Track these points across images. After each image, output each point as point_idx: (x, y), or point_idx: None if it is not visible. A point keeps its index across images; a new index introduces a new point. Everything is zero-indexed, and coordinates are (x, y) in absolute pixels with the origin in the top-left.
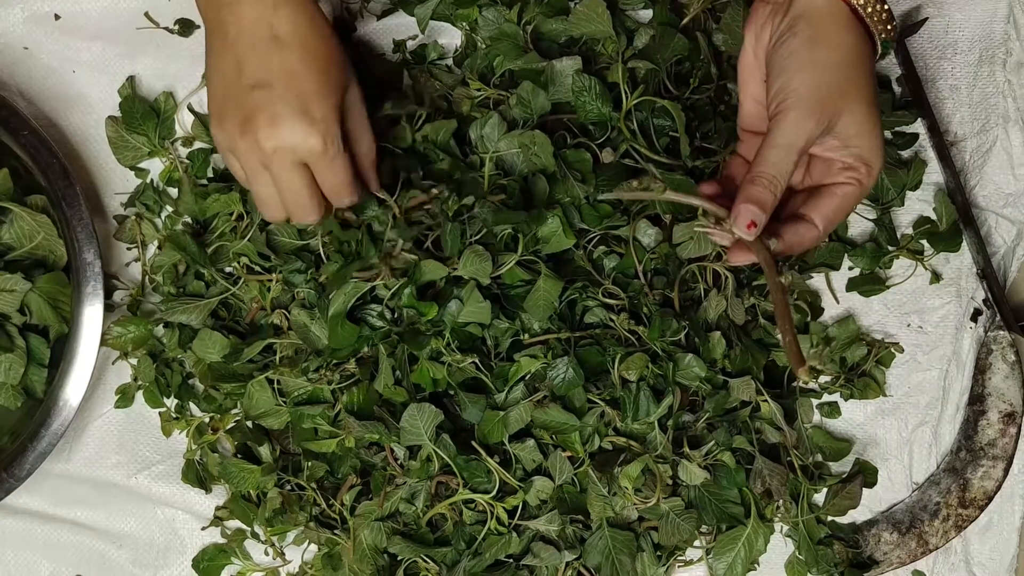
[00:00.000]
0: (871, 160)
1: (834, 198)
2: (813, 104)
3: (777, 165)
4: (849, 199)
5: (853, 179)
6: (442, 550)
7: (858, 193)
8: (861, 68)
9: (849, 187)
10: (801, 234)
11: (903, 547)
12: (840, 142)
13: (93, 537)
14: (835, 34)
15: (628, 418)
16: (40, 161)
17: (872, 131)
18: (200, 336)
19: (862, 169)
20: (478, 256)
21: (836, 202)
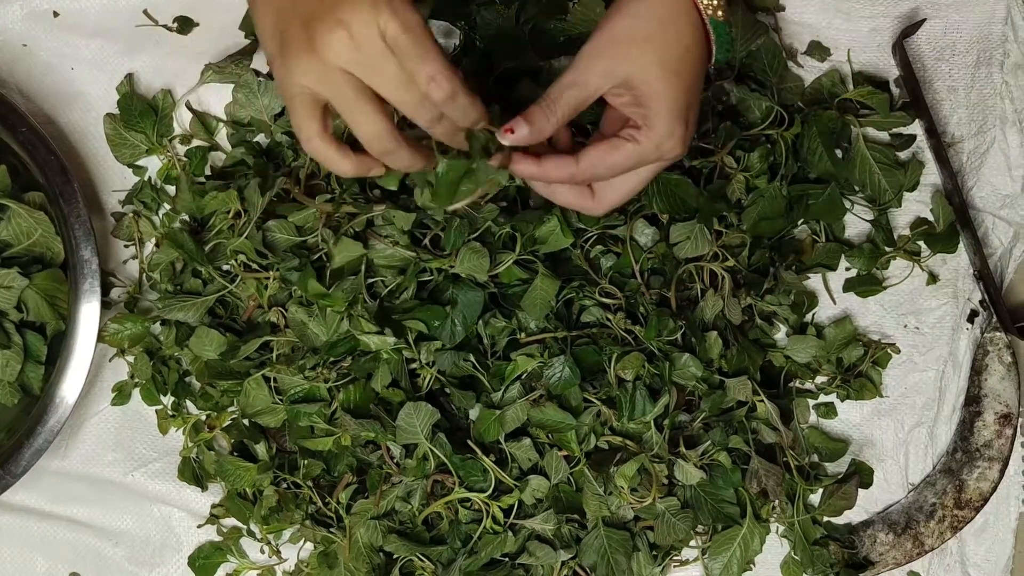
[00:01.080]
0: (653, 123)
1: (604, 144)
2: (604, 43)
3: (556, 90)
4: (620, 152)
5: (630, 135)
6: (438, 549)
7: (631, 150)
8: (667, 28)
9: (623, 141)
10: (558, 164)
11: (899, 548)
12: (632, 97)
13: (89, 534)
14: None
15: (624, 417)
16: (38, 158)
17: (661, 93)
18: (197, 333)
19: (643, 130)
20: (476, 253)
21: (604, 147)
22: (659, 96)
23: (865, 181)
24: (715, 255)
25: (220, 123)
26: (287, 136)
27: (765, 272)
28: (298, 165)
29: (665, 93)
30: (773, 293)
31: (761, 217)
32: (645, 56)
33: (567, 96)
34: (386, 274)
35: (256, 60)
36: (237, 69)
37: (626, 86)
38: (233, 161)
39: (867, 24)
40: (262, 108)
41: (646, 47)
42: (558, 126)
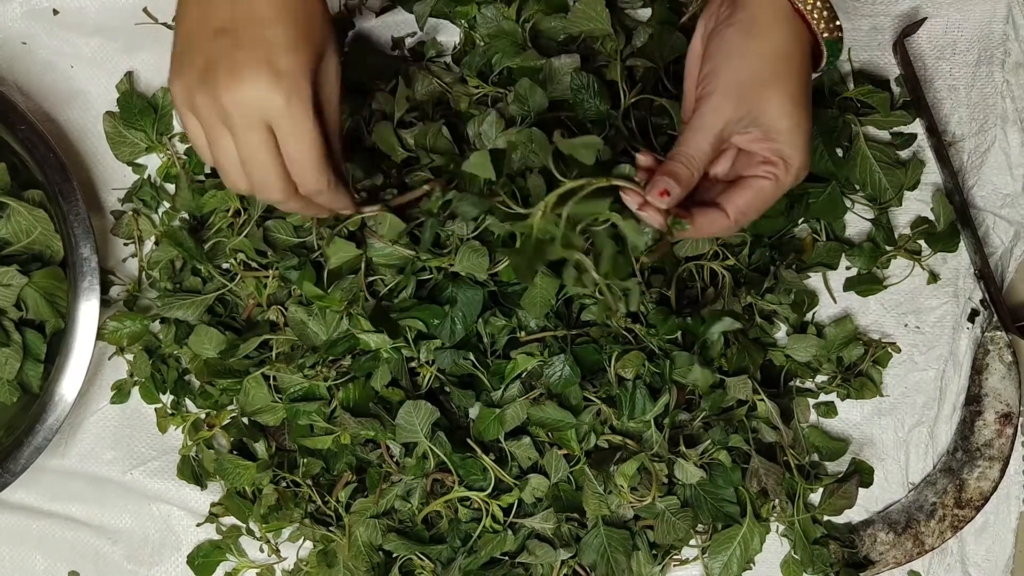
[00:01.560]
0: (790, 156)
1: (748, 190)
2: (732, 89)
3: (695, 143)
4: (764, 193)
5: (770, 173)
6: (437, 547)
7: (773, 188)
8: (791, 62)
9: (765, 181)
10: (711, 220)
11: (899, 547)
12: (762, 134)
13: (88, 533)
14: (770, 25)
15: (624, 416)
16: (37, 156)
17: (794, 128)
18: (196, 332)
19: (780, 164)
20: (475, 251)
21: (750, 194)
22: (793, 132)
23: (865, 180)
24: (715, 254)
25: None
26: None
27: (765, 271)
28: None
29: (798, 127)
30: (773, 292)
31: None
32: (776, 97)
33: (703, 148)
34: (385, 273)
35: None
36: None
37: (757, 125)
38: None
39: (868, 22)
40: None
41: (776, 88)
42: (699, 178)
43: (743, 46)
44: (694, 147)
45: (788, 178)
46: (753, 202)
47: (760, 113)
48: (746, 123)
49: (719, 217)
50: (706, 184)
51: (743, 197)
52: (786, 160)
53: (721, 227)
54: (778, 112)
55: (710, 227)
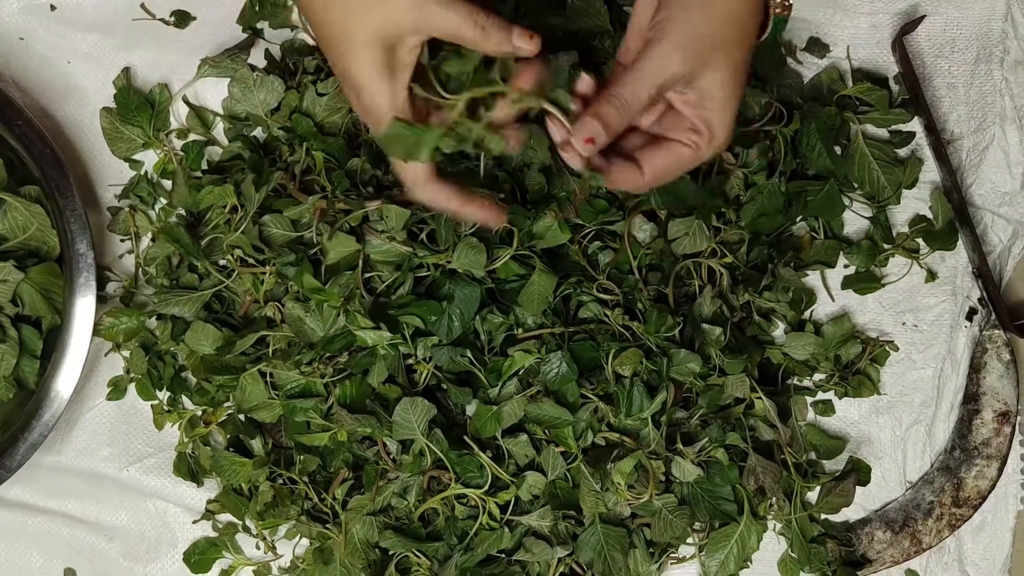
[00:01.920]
0: (717, 128)
1: (670, 155)
2: (686, 42)
3: (634, 90)
4: (683, 160)
5: (693, 142)
6: (434, 545)
7: (693, 157)
8: (743, 30)
9: (686, 149)
10: (628, 177)
11: (896, 546)
12: (697, 98)
13: (84, 530)
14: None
15: (621, 414)
16: (34, 151)
17: (728, 99)
18: (193, 328)
19: (705, 135)
20: (472, 248)
21: (670, 159)
22: (726, 104)
23: (864, 178)
24: (713, 251)
25: (217, 118)
26: (283, 131)
27: (763, 269)
28: (294, 160)
29: (731, 100)
30: (771, 290)
31: (759, 213)
32: (721, 63)
33: (641, 96)
34: (383, 269)
35: (253, 54)
36: (233, 64)
37: (694, 88)
38: (229, 155)
39: (867, 20)
40: (258, 103)
41: (724, 53)
42: (627, 125)
43: (704, 3)
44: (632, 92)
45: (708, 150)
46: (671, 167)
47: (702, 76)
48: (686, 81)
49: (634, 174)
50: (626, 132)
51: (663, 160)
52: (712, 131)
53: (635, 184)
54: (720, 80)
55: (624, 181)
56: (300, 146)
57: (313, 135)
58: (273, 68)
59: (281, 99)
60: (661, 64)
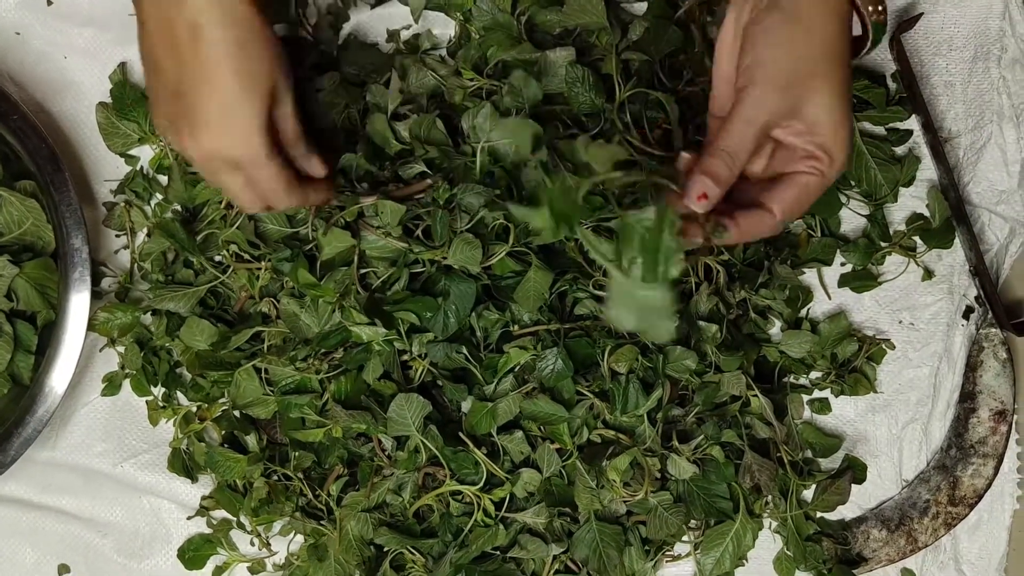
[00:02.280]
0: (834, 150)
1: (794, 187)
2: (779, 81)
3: (736, 139)
4: (809, 189)
5: (815, 168)
6: (428, 541)
7: (819, 184)
8: (836, 54)
9: (810, 177)
10: (758, 221)
11: (892, 544)
12: (805, 127)
13: (78, 525)
14: (815, 15)
15: (617, 411)
16: (29, 146)
17: (839, 121)
18: (188, 323)
19: (824, 159)
20: (468, 244)
21: (795, 191)
22: (838, 126)
23: (861, 176)
24: (709, 249)
25: None
26: None
27: (760, 266)
28: None
29: (843, 121)
30: (768, 287)
31: None
32: (822, 89)
33: (746, 143)
34: (378, 265)
35: None
36: None
37: (799, 118)
38: None
39: None
40: None
41: (823, 80)
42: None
43: (789, 35)
44: (735, 142)
45: (832, 173)
46: (799, 198)
47: (805, 106)
48: (788, 116)
49: (765, 216)
50: (741, 185)
51: (788, 194)
52: (830, 155)
53: (768, 227)
54: (824, 105)
55: (757, 228)
56: None
57: None
58: None
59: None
60: (757, 108)
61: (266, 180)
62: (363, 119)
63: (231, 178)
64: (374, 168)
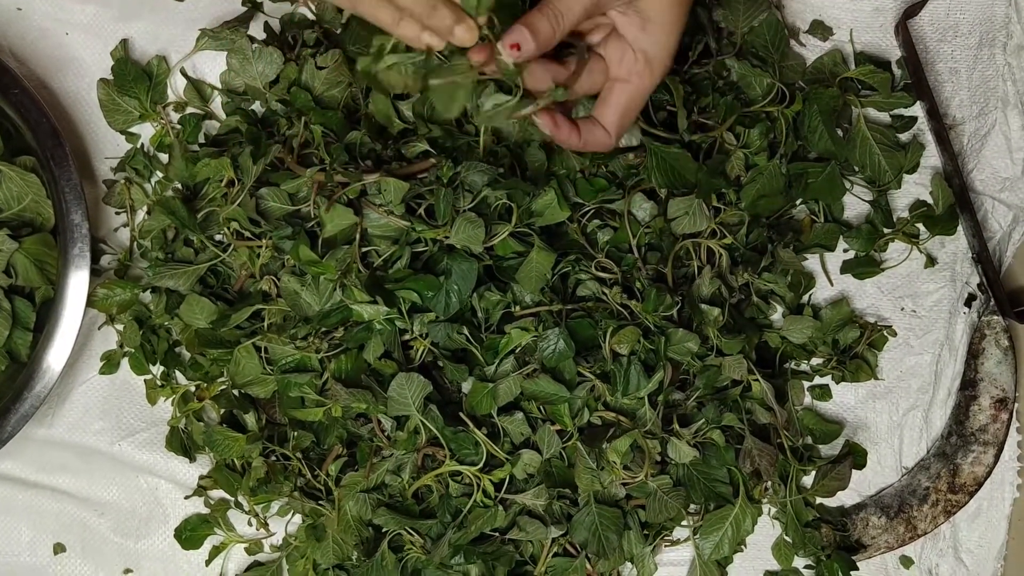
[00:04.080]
0: (657, 57)
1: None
2: None
3: (568, 2)
4: (633, 96)
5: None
6: (427, 522)
7: (640, 88)
8: None
9: (631, 84)
10: (596, 136)
11: (891, 532)
12: (640, 21)
13: (74, 504)
14: None
15: (618, 392)
16: (30, 120)
17: (672, 23)
18: (187, 301)
19: (644, 65)
20: (471, 223)
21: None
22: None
23: (865, 162)
24: (713, 232)
25: (215, 92)
26: (282, 105)
27: (763, 251)
28: (292, 134)
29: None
30: (770, 271)
31: (760, 195)
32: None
33: (575, 7)
34: (380, 243)
35: (252, 27)
36: (232, 35)
37: (637, 10)
38: (227, 129)
39: (870, 4)
40: (256, 75)
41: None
42: (561, 39)
43: None
44: (566, 3)
45: (652, 80)
46: (626, 106)
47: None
48: (627, 1)
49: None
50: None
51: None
52: (651, 62)
53: (605, 143)
54: (663, 3)
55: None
56: (298, 120)
57: (312, 109)
58: (272, 41)
59: (280, 72)
60: None
61: None
62: (366, 97)
63: None
64: (377, 146)
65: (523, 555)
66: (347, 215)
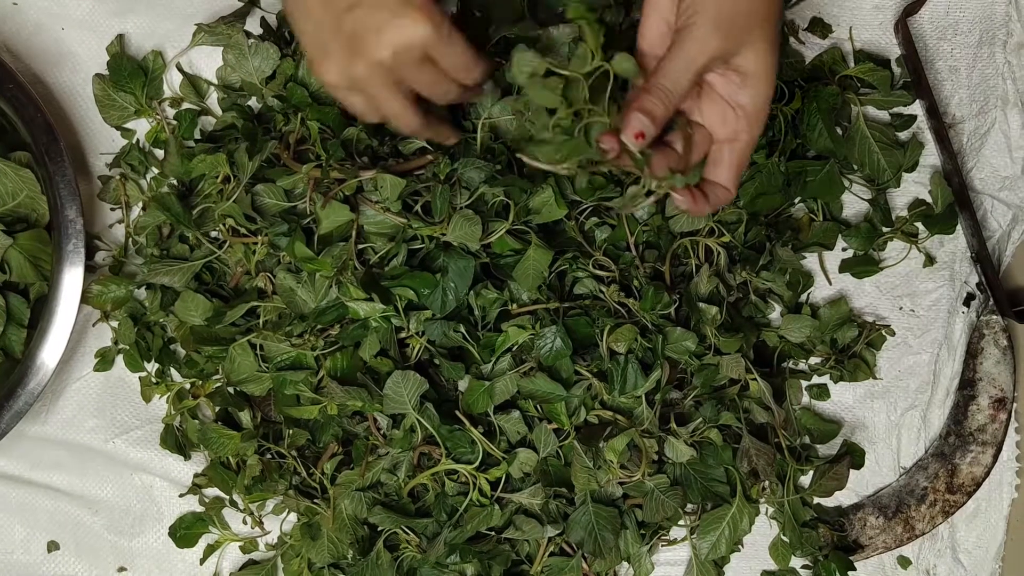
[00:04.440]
0: (756, 106)
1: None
2: (721, 23)
3: (674, 78)
4: (744, 154)
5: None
6: (423, 521)
7: (750, 146)
8: (772, 10)
9: (738, 144)
10: (718, 195)
11: (889, 532)
12: (739, 77)
13: (68, 502)
14: None
15: (615, 391)
16: (25, 116)
17: (769, 76)
18: (183, 298)
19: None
20: (468, 220)
21: (735, 160)
22: (768, 80)
23: (864, 160)
24: (711, 230)
25: (211, 87)
26: (278, 100)
27: (761, 249)
28: (288, 130)
29: (771, 73)
30: (768, 270)
31: (758, 193)
32: (759, 37)
33: (683, 83)
34: (376, 240)
35: (248, 23)
36: (229, 30)
37: (735, 68)
38: (223, 125)
39: (870, 1)
40: (252, 70)
41: (763, 29)
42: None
43: None
44: (673, 80)
45: (757, 130)
46: (740, 165)
47: (741, 54)
48: (724, 60)
49: (722, 192)
50: None
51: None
52: (752, 114)
53: (727, 199)
54: (760, 56)
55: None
56: (295, 116)
57: (308, 105)
58: (269, 37)
59: (276, 67)
60: (698, 48)
61: (458, 49)
62: None
63: (427, 71)
64: (374, 143)
65: (519, 554)
66: (343, 212)
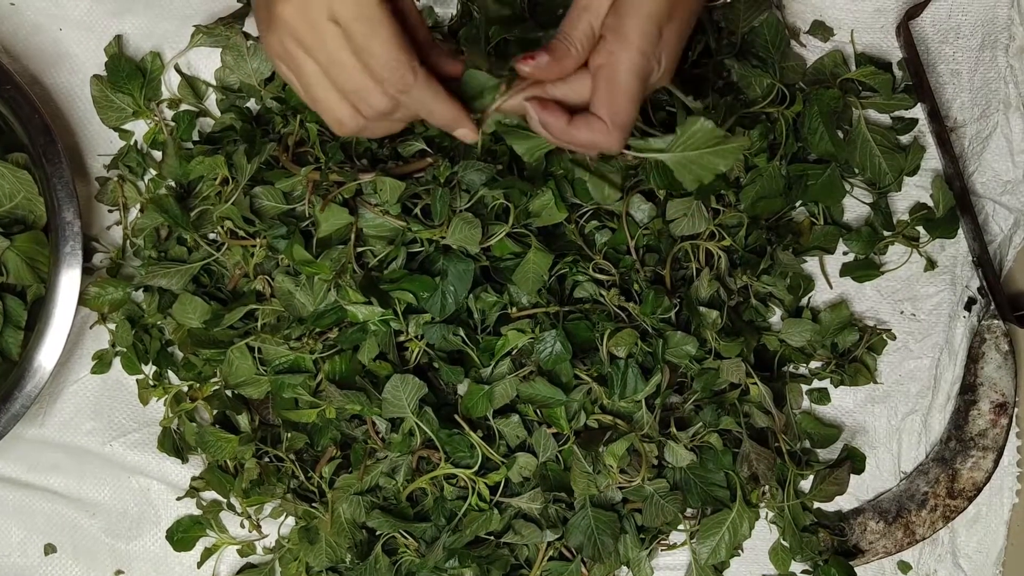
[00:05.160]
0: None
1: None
2: None
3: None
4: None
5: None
6: (421, 525)
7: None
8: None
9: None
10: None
11: (889, 537)
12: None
13: (65, 505)
14: None
15: (615, 395)
16: (22, 117)
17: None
18: (180, 300)
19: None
20: (467, 223)
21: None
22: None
23: (865, 164)
24: (712, 234)
25: (209, 88)
26: (276, 102)
27: (762, 253)
28: (287, 132)
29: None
30: (769, 274)
31: (759, 196)
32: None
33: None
34: (375, 243)
35: (247, 24)
36: (227, 31)
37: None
38: (221, 126)
39: (871, 4)
40: (251, 72)
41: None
42: (579, 62)
43: None
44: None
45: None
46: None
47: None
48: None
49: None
50: None
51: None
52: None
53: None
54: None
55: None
56: (293, 118)
57: (307, 107)
58: None
59: (274, 69)
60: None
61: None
62: None
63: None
64: (373, 145)
65: (518, 559)
66: (342, 214)
